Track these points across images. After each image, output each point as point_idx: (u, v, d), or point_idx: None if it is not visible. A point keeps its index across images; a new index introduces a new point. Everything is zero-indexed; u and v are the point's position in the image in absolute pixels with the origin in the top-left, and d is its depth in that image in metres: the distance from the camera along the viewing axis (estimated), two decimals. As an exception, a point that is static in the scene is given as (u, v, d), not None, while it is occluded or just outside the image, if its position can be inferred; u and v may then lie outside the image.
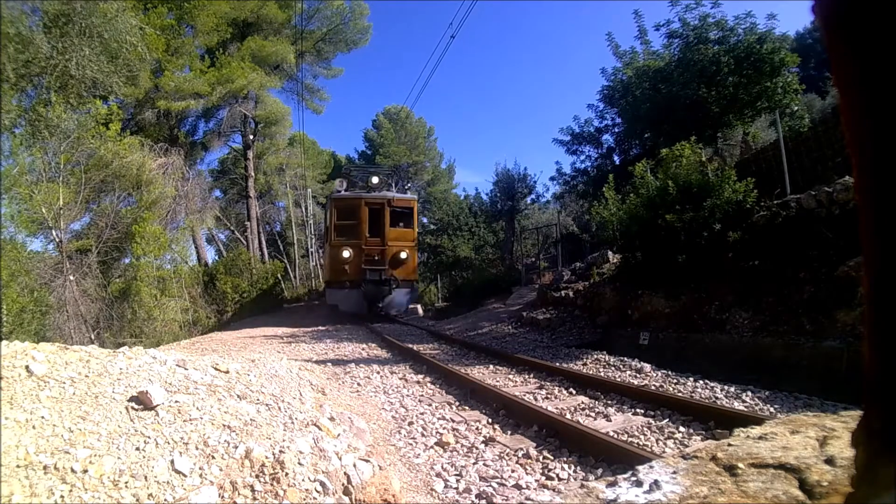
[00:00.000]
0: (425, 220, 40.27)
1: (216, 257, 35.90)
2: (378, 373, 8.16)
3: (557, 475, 3.93)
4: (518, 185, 29.31)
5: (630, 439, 4.69)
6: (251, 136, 34.55)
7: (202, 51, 30.40)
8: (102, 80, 20.50)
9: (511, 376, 7.74)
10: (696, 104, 13.95)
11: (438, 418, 5.62)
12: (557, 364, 8.13)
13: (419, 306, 25.80)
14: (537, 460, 4.29)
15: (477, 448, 4.65)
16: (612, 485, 1.30)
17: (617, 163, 17.58)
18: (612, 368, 7.96)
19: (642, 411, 5.48)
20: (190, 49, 29.09)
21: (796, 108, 14.71)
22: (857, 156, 0.68)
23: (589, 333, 11.54)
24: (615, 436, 4.61)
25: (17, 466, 2.19)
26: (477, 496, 3.63)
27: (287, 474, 2.78)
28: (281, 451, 2.93)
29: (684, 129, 12.67)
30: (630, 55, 16.95)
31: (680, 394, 6.15)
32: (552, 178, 27.50)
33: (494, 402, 5.95)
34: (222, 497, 2.46)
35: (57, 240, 20.47)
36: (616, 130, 17.91)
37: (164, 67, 27.16)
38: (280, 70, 32.96)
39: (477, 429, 5.23)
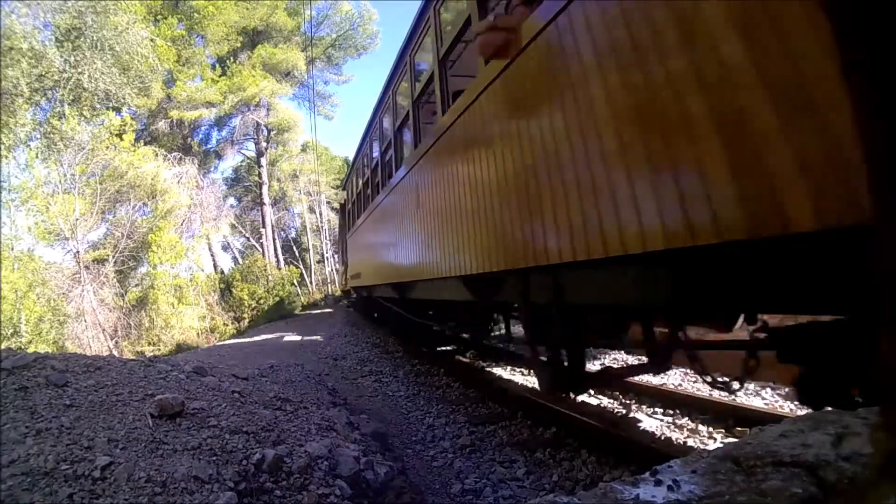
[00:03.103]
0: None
1: (232, 265, 36.07)
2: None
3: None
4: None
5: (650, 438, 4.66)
6: (264, 144, 34.74)
7: (213, 60, 30.67)
8: (115, 92, 20.74)
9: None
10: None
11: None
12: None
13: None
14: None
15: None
16: (631, 484, 1.29)
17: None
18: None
19: (660, 410, 5.44)
20: (201, 59, 29.37)
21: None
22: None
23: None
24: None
25: (39, 474, 2.21)
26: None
27: (304, 478, 2.79)
28: (299, 456, 2.94)
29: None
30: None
31: (699, 392, 6.09)
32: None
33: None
34: (241, 502, 2.47)
35: (74, 250, 20.71)
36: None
37: (176, 77, 27.45)
38: (291, 77, 33.10)
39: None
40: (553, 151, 2.96)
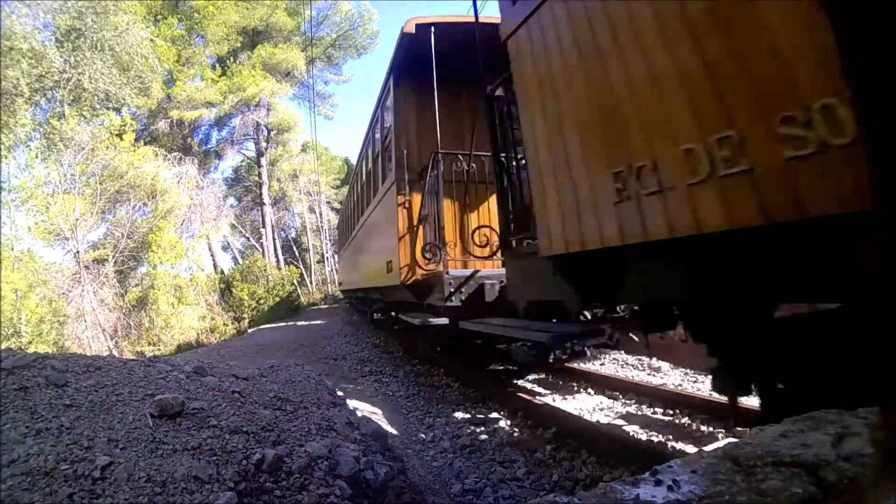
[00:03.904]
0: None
1: (232, 265, 36.10)
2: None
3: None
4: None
5: (650, 438, 4.66)
6: (264, 144, 34.79)
7: (213, 60, 30.70)
8: (115, 93, 20.77)
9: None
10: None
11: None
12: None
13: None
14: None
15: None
16: (631, 484, 1.29)
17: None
18: (629, 367, 7.84)
19: (661, 410, 5.43)
20: (201, 59, 29.41)
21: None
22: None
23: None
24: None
25: (39, 474, 2.21)
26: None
27: (304, 478, 2.78)
28: (299, 456, 2.94)
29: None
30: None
31: (699, 392, 6.08)
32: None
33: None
34: (241, 502, 2.47)
35: (74, 250, 20.74)
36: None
37: (176, 78, 27.49)
38: (291, 77, 33.13)
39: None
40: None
